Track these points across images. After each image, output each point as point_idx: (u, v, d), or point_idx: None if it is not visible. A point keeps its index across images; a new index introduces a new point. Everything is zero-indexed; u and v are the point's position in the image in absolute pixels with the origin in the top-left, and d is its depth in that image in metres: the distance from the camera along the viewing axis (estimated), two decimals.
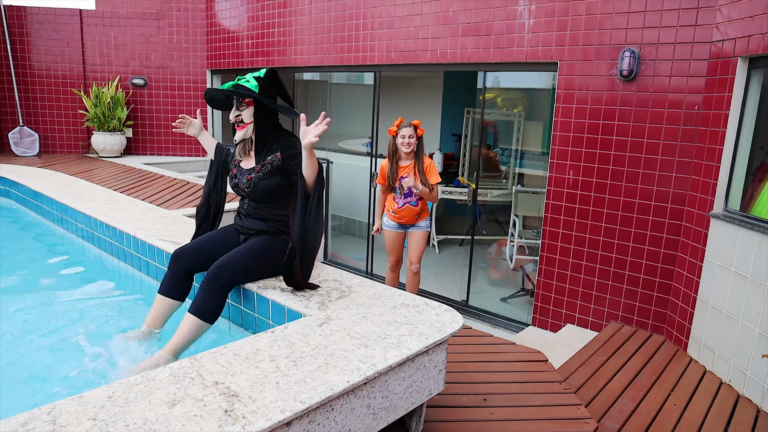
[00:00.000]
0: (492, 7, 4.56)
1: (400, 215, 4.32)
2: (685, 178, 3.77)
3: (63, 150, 8.18)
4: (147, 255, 3.32)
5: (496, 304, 5.27)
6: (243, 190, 2.68)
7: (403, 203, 4.27)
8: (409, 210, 4.29)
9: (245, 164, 2.73)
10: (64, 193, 4.68)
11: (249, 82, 2.59)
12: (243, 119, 2.62)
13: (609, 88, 4.02)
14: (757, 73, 3.33)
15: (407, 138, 4.14)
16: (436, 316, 2.22)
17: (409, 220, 4.33)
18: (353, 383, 1.68)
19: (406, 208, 4.29)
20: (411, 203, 4.27)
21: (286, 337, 1.98)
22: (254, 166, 2.67)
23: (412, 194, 4.23)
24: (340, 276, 2.69)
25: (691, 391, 3.18)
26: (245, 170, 2.69)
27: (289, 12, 6.56)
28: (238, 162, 2.77)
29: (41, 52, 7.85)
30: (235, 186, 2.72)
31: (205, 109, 8.19)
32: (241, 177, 2.69)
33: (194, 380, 1.66)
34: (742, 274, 3.22)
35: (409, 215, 4.31)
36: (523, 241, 5.64)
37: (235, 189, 2.73)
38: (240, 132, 2.65)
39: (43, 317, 2.97)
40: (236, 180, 2.71)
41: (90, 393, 1.57)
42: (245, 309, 2.61)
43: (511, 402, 2.55)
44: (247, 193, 2.67)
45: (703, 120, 3.64)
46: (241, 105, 2.61)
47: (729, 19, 3.42)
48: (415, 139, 4.17)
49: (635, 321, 4.11)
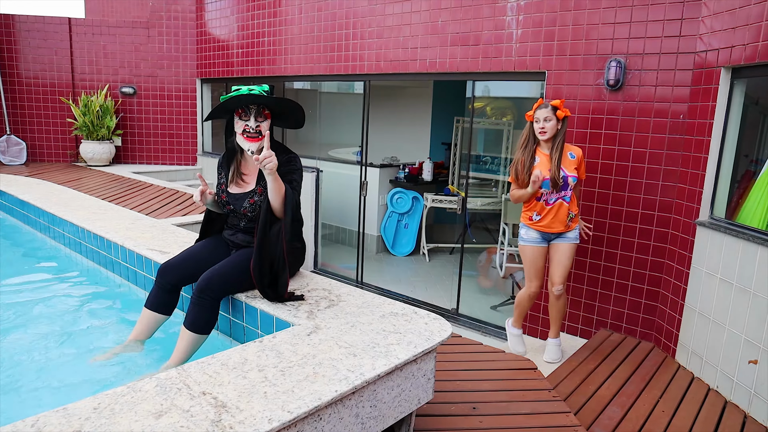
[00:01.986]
0: (480, 17, 4.60)
1: (549, 220, 3.54)
2: (672, 186, 3.81)
3: (51, 159, 8.11)
4: (135, 265, 3.30)
5: (486, 312, 5.28)
6: (245, 215, 2.60)
7: (556, 198, 3.50)
8: (562, 208, 3.51)
9: (238, 189, 2.61)
10: (51, 202, 4.64)
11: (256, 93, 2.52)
12: (262, 130, 2.49)
13: (596, 98, 4.06)
14: (740, 83, 3.39)
15: (542, 121, 3.48)
16: (425, 324, 2.22)
17: (560, 225, 3.55)
18: (341, 393, 1.68)
19: (559, 204, 3.50)
20: (565, 199, 3.51)
21: (274, 346, 1.97)
22: (255, 188, 2.58)
23: (568, 186, 3.50)
24: (329, 285, 2.68)
25: (679, 398, 3.20)
26: (241, 194, 2.59)
27: (279, 21, 6.58)
28: (224, 187, 2.64)
29: (29, 60, 7.81)
30: (232, 211, 2.62)
31: (200, 175, 8.18)
32: (239, 202, 2.59)
33: (181, 390, 1.65)
34: (728, 281, 3.26)
35: (561, 218, 3.53)
36: (513, 249, 5.66)
37: (232, 213, 2.63)
38: (256, 144, 2.49)
39: (27, 328, 2.93)
40: (232, 206, 2.61)
41: (75, 404, 1.55)
42: (233, 318, 2.59)
43: (500, 410, 2.55)
44: (249, 218, 2.60)
45: (689, 129, 3.69)
46: (259, 116, 2.49)
47: (712, 30, 3.48)
48: (554, 122, 3.48)
49: (624, 328, 4.13)
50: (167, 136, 8.28)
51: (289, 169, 2.55)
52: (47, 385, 2.38)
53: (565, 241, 3.62)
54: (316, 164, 6.76)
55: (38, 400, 2.27)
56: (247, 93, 2.47)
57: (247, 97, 2.45)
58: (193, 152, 8.36)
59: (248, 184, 2.62)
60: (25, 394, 2.31)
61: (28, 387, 2.38)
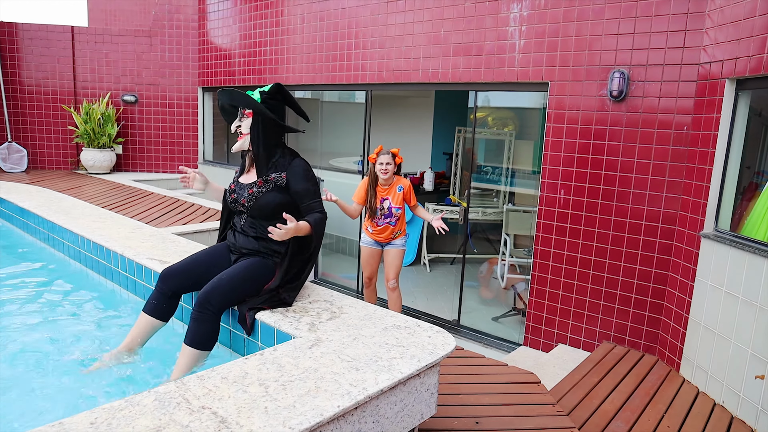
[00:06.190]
0: (483, 28, 4.60)
1: (378, 233, 4.51)
2: (676, 198, 3.79)
3: (51, 166, 8.10)
4: (135, 274, 3.26)
5: (488, 323, 5.23)
6: (243, 205, 2.62)
7: (384, 223, 4.48)
8: (387, 229, 4.49)
9: (245, 179, 2.70)
10: (51, 210, 4.61)
11: (253, 95, 2.60)
12: (241, 130, 2.63)
13: (599, 109, 4.05)
14: (744, 94, 3.37)
15: (384, 165, 4.36)
16: (428, 338, 2.18)
17: (386, 238, 4.52)
18: (344, 408, 1.64)
19: (385, 227, 4.49)
20: (390, 223, 4.48)
21: (275, 359, 1.94)
22: (256, 181, 2.63)
23: (392, 215, 4.45)
24: (331, 296, 2.65)
25: (684, 413, 3.15)
26: (245, 185, 2.66)
27: (281, 31, 6.59)
28: (236, 177, 2.76)
29: (32, 68, 7.82)
30: (234, 201, 2.67)
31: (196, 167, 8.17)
32: (241, 191, 2.64)
33: (180, 405, 1.61)
34: (733, 294, 3.22)
35: (387, 234, 4.50)
36: (514, 260, 5.62)
37: (234, 204, 2.68)
38: (238, 142, 2.67)
39: (26, 336, 2.90)
40: (235, 195, 2.66)
41: (71, 419, 1.51)
42: (233, 330, 2.56)
43: (504, 425, 2.51)
44: (247, 208, 2.62)
45: (693, 140, 3.67)
46: (242, 116, 2.62)
47: (716, 42, 3.47)
48: (393, 166, 4.40)
49: (627, 341, 4.09)
50: (168, 145, 8.28)
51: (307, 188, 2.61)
52: (41, 396, 2.34)
53: (393, 247, 4.55)
54: (317, 174, 6.74)
55: (32, 411, 2.23)
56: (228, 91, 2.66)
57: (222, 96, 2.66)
58: (194, 161, 8.35)
59: (253, 175, 2.70)
60: (19, 406, 2.27)
61: (22, 398, 2.33)
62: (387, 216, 4.46)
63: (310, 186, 2.61)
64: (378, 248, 4.59)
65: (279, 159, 2.63)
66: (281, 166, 2.62)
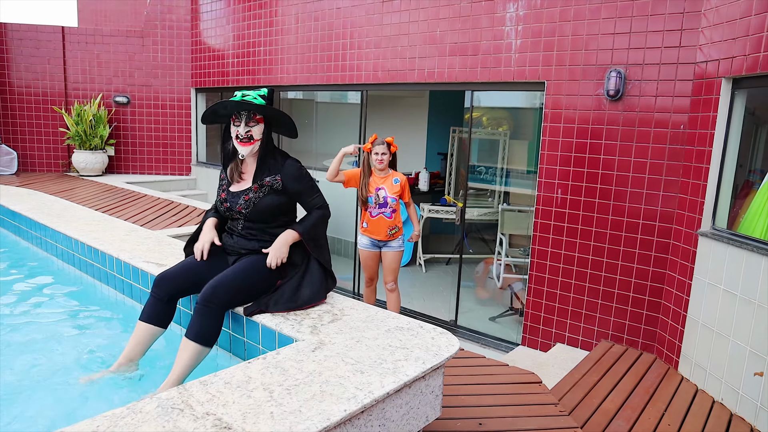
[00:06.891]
0: (479, 27, 4.60)
1: (372, 227, 4.34)
2: (673, 197, 3.80)
3: (42, 169, 8.01)
4: (131, 277, 3.22)
5: (485, 323, 5.23)
6: (239, 212, 2.60)
7: (377, 213, 4.30)
8: (382, 222, 4.31)
9: (236, 187, 2.65)
10: (43, 213, 4.55)
11: (256, 99, 2.55)
12: (253, 135, 2.56)
13: (596, 108, 4.05)
14: (740, 93, 3.38)
15: (380, 155, 4.27)
16: (432, 339, 2.17)
17: (381, 235, 4.34)
18: (350, 412, 1.62)
19: (379, 218, 4.30)
20: (385, 214, 4.30)
21: (278, 363, 1.91)
22: (250, 186, 2.61)
23: (387, 205, 4.29)
24: (331, 299, 2.63)
25: (684, 411, 3.16)
26: (238, 192, 2.62)
27: (275, 31, 6.56)
28: (225, 186, 2.69)
29: (21, 69, 7.72)
30: (228, 210, 2.63)
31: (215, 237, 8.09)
32: (235, 200, 2.61)
33: (183, 411, 1.59)
34: (731, 292, 3.23)
35: (382, 229, 4.32)
36: (510, 259, 5.63)
37: (228, 212, 2.64)
38: (247, 147, 2.56)
39: (17, 344, 2.85)
40: (228, 204, 2.63)
41: (73, 427, 1.48)
42: (234, 333, 2.53)
43: (506, 426, 2.50)
44: (244, 215, 2.60)
45: (689, 139, 3.68)
46: (251, 121, 2.54)
47: (712, 41, 3.48)
48: (388, 156, 4.30)
49: (625, 339, 4.10)
50: (161, 146, 8.21)
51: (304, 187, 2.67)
52: (38, 404, 2.30)
53: (390, 249, 4.42)
54: (311, 174, 6.71)
55: (29, 419, 2.19)
56: (240, 99, 2.54)
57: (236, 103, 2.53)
58: (187, 162, 8.30)
59: (245, 182, 2.66)
60: (15, 414, 2.23)
61: (18, 406, 2.29)
62: (382, 206, 4.31)
63: (305, 184, 2.68)
64: (376, 250, 4.47)
65: (272, 162, 2.63)
66: (274, 169, 2.62)
